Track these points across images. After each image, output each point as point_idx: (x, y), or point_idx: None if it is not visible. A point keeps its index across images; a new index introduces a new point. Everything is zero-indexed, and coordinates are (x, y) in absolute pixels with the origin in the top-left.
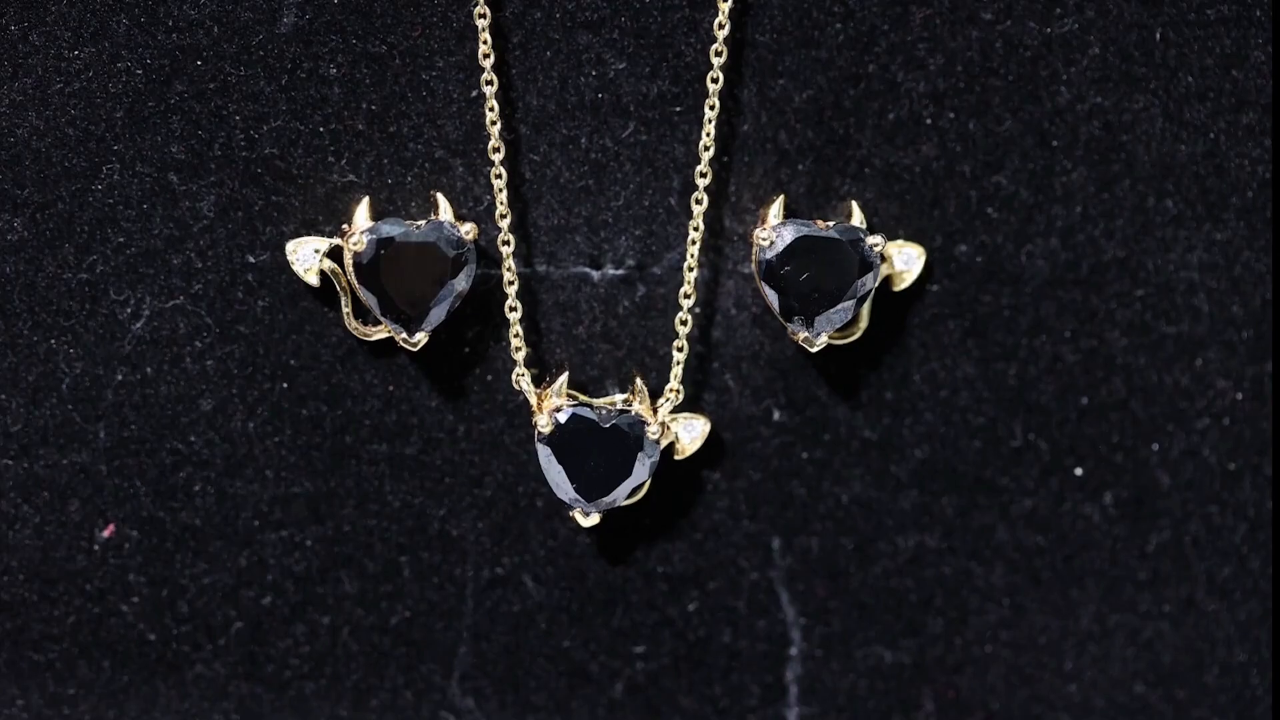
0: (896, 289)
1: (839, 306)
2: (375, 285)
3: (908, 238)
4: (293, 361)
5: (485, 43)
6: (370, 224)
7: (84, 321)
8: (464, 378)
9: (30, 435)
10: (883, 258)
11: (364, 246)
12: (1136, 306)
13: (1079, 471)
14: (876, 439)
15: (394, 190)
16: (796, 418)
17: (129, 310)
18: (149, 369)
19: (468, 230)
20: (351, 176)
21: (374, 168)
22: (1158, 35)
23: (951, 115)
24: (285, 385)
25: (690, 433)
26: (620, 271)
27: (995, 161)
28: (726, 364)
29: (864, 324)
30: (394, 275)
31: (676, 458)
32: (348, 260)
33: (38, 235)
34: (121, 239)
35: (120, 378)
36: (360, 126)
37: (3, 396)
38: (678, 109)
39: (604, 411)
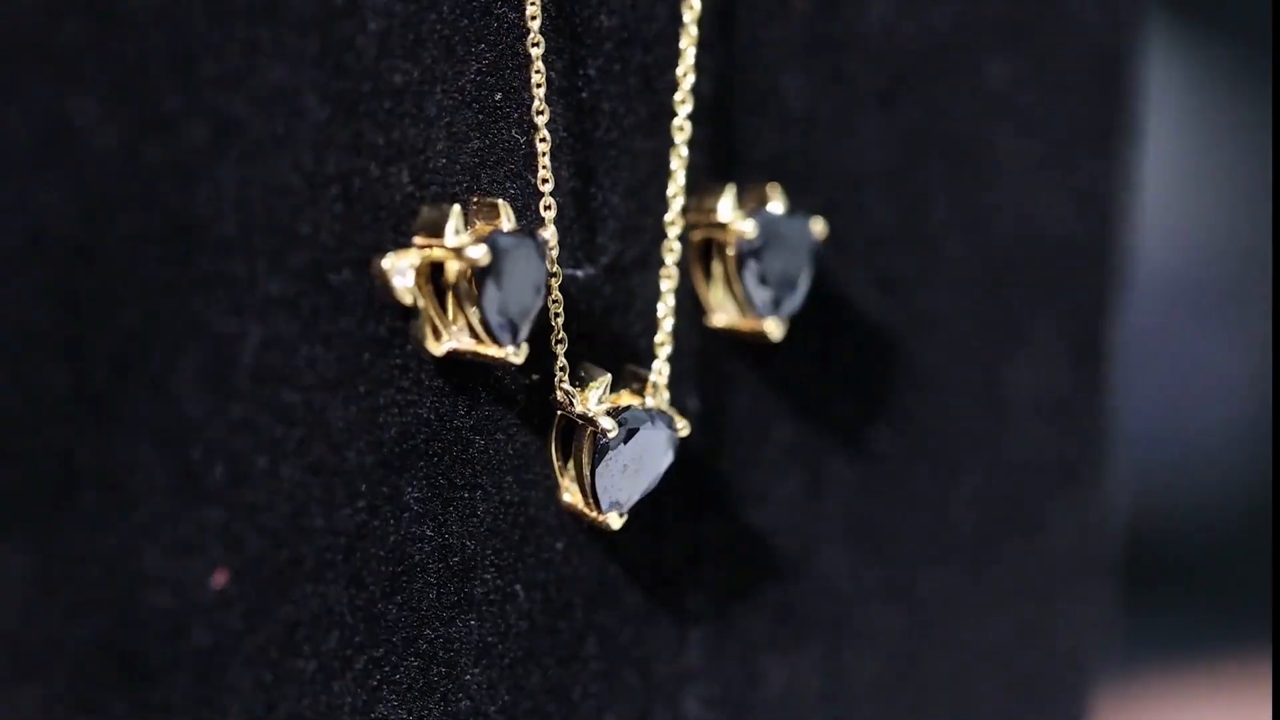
0: None
1: (800, 290)
2: (492, 298)
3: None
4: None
5: (534, 29)
6: (471, 234)
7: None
8: (468, 383)
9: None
10: None
11: (485, 258)
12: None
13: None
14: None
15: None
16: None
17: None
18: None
19: (549, 238)
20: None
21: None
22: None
23: None
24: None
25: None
26: (591, 271)
27: None
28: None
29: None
30: (509, 286)
31: None
32: (452, 273)
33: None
34: None
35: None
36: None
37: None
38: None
39: (650, 412)
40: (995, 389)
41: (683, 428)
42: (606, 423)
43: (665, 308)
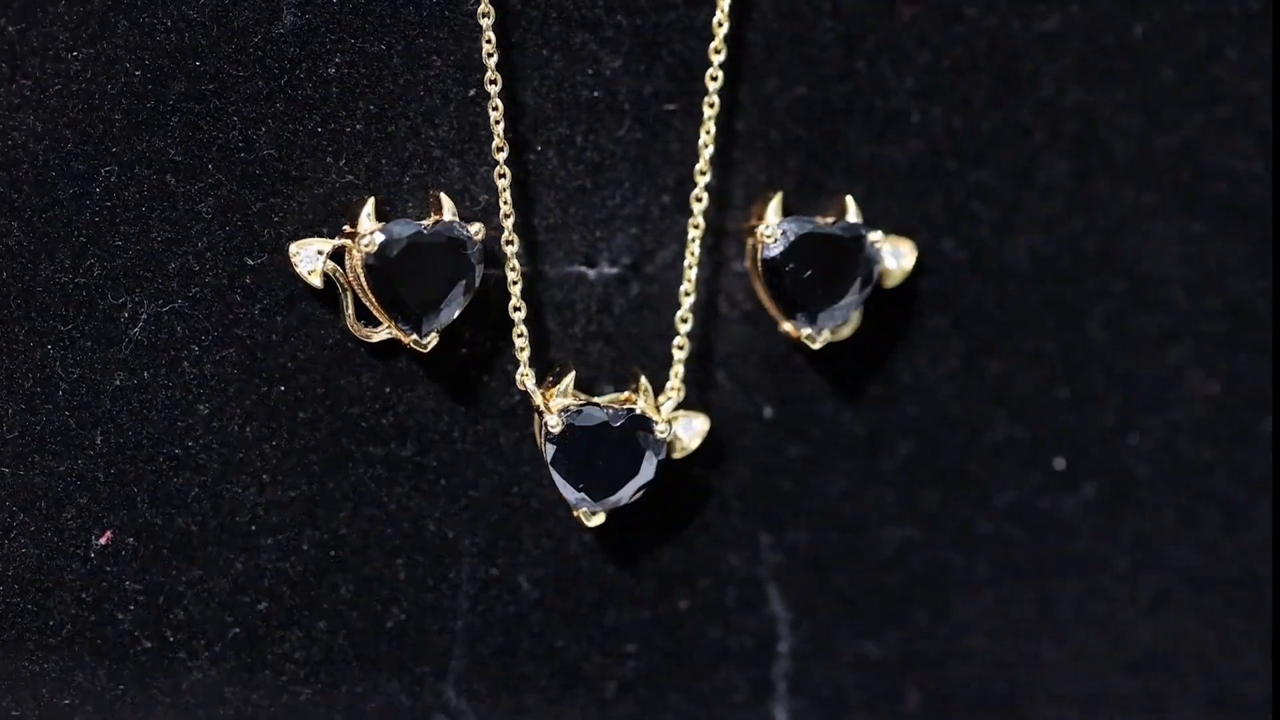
0: (887, 285)
1: (842, 303)
2: (387, 286)
3: (897, 233)
4: (289, 364)
5: (489, 41)
6: (380, 224)
7: (81, 326)
8: (461, 379)
9: (27, 442)
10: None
11: (376, 247)
12: (1114, 299)
13: (1059, 463)
14: (864, 434)
15: (392, 190)
16: (785, 415)
17: (126, 314)
18: (146, 374)
19: (476, 230)
20: (350, 177)
21: (372, 168)
22: (1137, 31)
23: (937, 111)
24: (282, 388)
25: (689, 431)
26: (615, 270)
27: (978, 156)
28: (718, 361)
29: (856, 321)
30: (406, 276)
31: (675, 456)
32: (355, 261)
33: (34, 239)
34: (119, 242)
35: (118, 383)
36: (358, 126)
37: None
38: (672, 107)
39: (613, 410)
40: None
41: (662, 431)
42: (550, 418)
43: (684, 311)
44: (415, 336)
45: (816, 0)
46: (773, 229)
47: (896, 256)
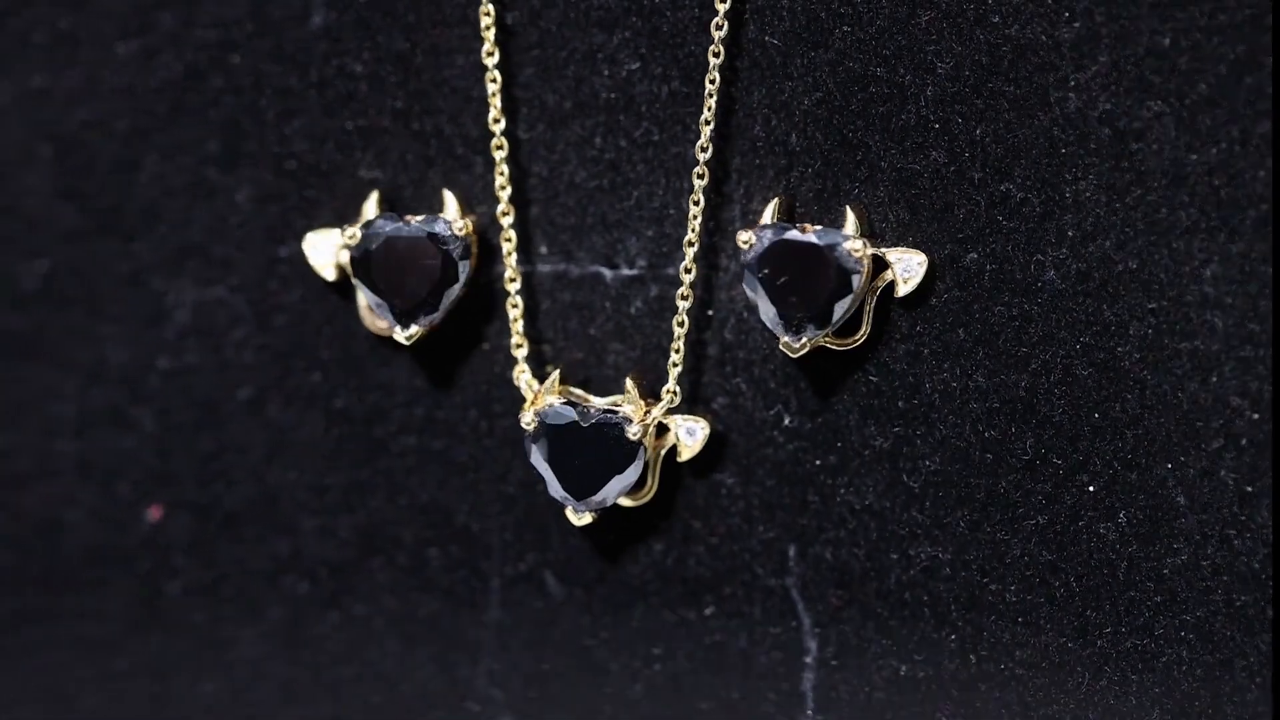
0: (898, 295)
1: (818, 312)
2: (368, 281)
3: (917, 244)
4: (324, 353)
5: (489, 39)
6: (367, 220)
7: (131, 309)
8: (488, 375)
9: (83, 418)
10: (884, 263)
11: (357, 240)
12: (1149, 320)
13: (1092, 489)
14: (889, 448)
15: (418, 186)
16: (809, 424)
17: (172, 299)
18: (191, 357)
19: (460, 227)
20: (377, 173)
21: (398, 164)
22: (1167, 41)
23: (959, 120)
24: (318, 376)
25: (691, 435)
26: (634, 271)
27: (1005, 168)
28: (739, 367)
29: (865, 329)
30: (386, 269)
31: (680, 460)
32: (347, 253)
33: (89, 223)
34: (165, 229)
35: (165, 365)
36: (385, 123)
37: (58, 380)
38: (690, 109)
39: (588, 410)
40: None
41: (635, 433)
42: (525, 415)
43: (681, 315)
44: (398, 328)
45: (833, 4)
46: (749, 235)
47: (906, 268)
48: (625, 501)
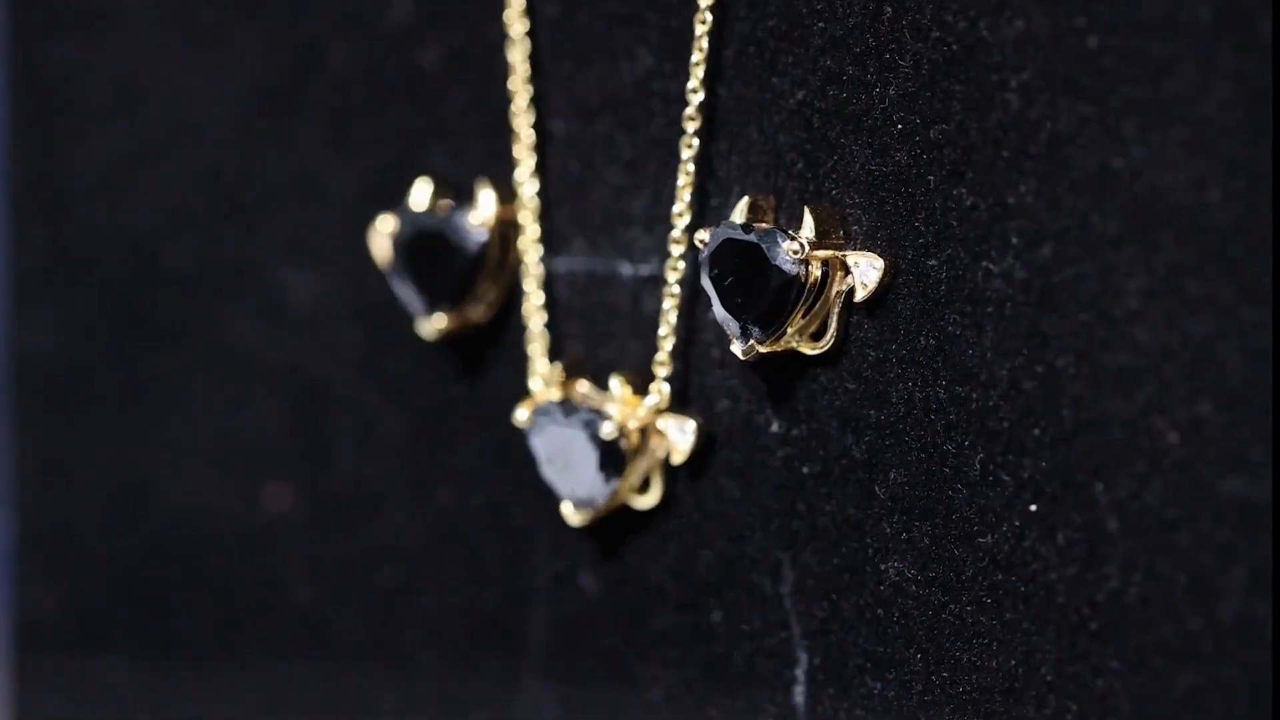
0: (856, 300)
1: (762, 314)
2: (394, 268)
3: (885, 247)
4: (404, 344)
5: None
6: (402, 209)
7: (251, 296)
8: (522, 370)
9: (210, 401)
10: (846, 266)
11: (393, 230)
12: (1082, 333)
13: (1034, 507)
14: (862, 459)
15: (476, 180)
16: (798, 432)
17: (287, 287)
18: (303, 345)
19: (483, 221)
20: (446, 163)
21: (463, 158)
22: (1093, 42)
23: (917, 120)
24: (400, 365)
25: (683, 434)
26: (650, 270)
27: (957, 172)
28: (730, 370)
29: (832, 334)
30: (410, 259)
31: (674, 461)
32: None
33: (212, 211)
34: (279, 216)
35: (282, 353)
36: (454, 117)
37: (185, 366)
38: (680, 107)
39: (563, 405)
40: None
41: (608, 432)
42: (520, 412)
43: (666, 323)
44: (426, 319)
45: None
46: (705, 234)
47: (862, 272)
48: (635, 504)
